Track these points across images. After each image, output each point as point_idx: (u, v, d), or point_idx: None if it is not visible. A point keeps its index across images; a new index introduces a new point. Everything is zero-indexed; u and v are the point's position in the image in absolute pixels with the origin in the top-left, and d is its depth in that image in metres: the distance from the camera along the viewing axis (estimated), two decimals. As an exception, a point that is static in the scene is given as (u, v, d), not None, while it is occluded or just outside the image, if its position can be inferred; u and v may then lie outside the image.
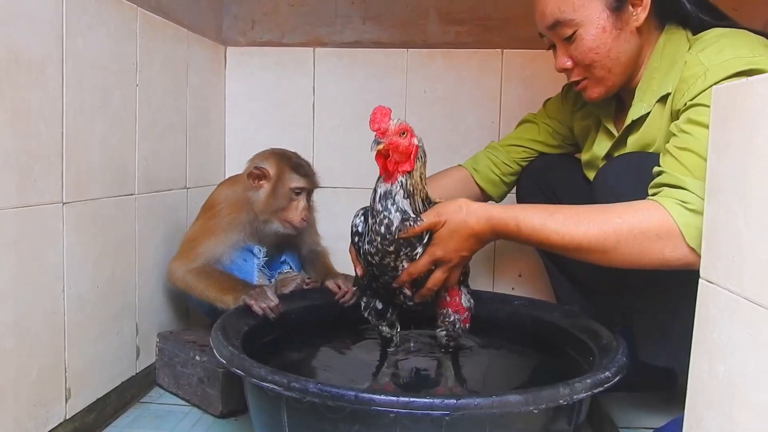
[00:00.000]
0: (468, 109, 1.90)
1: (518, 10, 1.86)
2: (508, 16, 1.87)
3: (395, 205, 1.04)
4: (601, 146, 1.31)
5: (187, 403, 1.44)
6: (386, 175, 1.06)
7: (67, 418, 1.20)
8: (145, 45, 1.44)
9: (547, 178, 1.42)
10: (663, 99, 1.17)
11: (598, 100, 1.25)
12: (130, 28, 1.38)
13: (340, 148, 1.89)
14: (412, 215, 1.04)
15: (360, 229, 1.14)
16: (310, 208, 1.50)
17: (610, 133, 1.30)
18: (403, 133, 1.03)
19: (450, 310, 1.16)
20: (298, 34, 1.95)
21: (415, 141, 1.04)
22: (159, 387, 1.51)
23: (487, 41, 1.89)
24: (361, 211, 1.14)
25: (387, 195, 1.04)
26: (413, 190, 1.04)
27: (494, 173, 1.50)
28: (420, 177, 1.06)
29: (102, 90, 1.28)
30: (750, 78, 0.72)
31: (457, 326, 1.18)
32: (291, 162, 1.47)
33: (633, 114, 1.21)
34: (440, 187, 1.41)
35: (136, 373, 1.45)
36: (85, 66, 1.22)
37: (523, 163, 1.50)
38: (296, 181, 1.45)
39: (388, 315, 1.21)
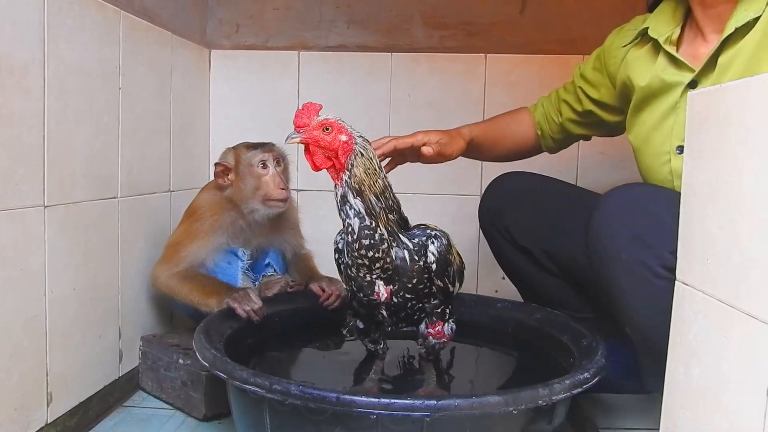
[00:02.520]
0: (452, 113, 1.91)
1: (502, 16, 1.88)
2: (492, 21, 1.89)
3: (352, 209, 1.04)
4: (668, 72, 1.15)
5: (170, 407, 1.43)
6: (331, 175, 1.06)
7: (49, 422, 1.19)
8: (128, 49, 1.44)
9: (502, 218, 1.42)
10: None
11: None
12: (113, 32, 1.38)
13: (325, 152, 1.89)
14: (368, 218, 1.04)
15: (340, 246, 1.14)
16: (286, 178, 1.49)
17: (674, 59, 1.15)
18: (327, 129, 1.03)
19: (431, 338, 1.16)
20: (283, 37, 1.95)
21: (343, 137, 1.03)
22: (142, 391, 1.51)
23: (471, 46, 1.90)
24: (343, 229, 1.14)
25: (344, 199, 1.05)
26: (360, 187, 1.03)
27: (546, 124, 1.48)
28: (366, 172, 1.04)
29: (85, 94, 1.28)
30: (723, 84, 0.74)
31: (437, 348, 1.18)
32: (245, 144, 1.49)
33: (740, 18, 1.03)
34: (500, 128, 1.44)
35: (119, 377, 1.45)
36: (67, 70, 1.21)
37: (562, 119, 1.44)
38: (254, 155, 1.45)
39: (371, 333, 1.21)
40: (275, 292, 1.45)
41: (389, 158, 1.33)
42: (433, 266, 1.09)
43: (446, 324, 1.16)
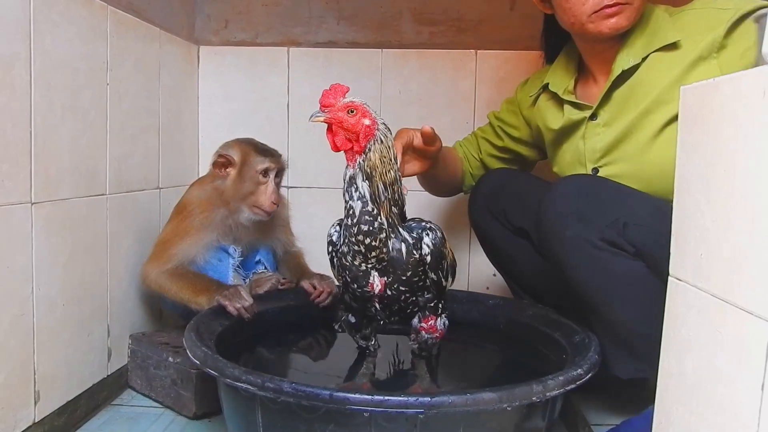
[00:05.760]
0: (442, 110, 1.91)
1: (492, 12, 1.87)
2: (481, 17, 1.89)
3: (357, 191, 1.04)
4: (573, 113, 1.34)
5: (160, 405, 1.42)
6: (347, 157, 1.06)
7: (36, 421, 1.18)
8: (116, 44, 1.42)
9: (498, 201, 1.44)
10: (665, 48, 1.21)
11: (618, 32, 1.23)
12: (100, 27, 1.37)
13: (315, 149, 1.88)
14: (371, 203, 1.04)
15: (334, 239, 1.14)
16: (279, 192, 1.49)
17: (575, 104, 1.34)
18: (352, 111, 1.03)
19: (424, 332, 1.16)
20: (272, 33, 1.94)
21: (366, 121, 1.04)
22: (131, 389, 1.50)
23: (461, 42, 1.90)
24: (337, 221, 1.14)
25: (351, 180, 1.05)
26: (372, 172, 1.04)
27: (467, 162, 1.57)
28: (381, 160, 1.04)
29: (71, 90, 1.26)
30: (717, 78, 0.74)
31: (430, 343, 1.18)
32: (255, 145, 1.48)
33: (623, 63, 1.24)
34: (447, 152, 1.50)
35: (108, 376, 1.43)
36: (53, 65, 1.20)
37: (483, 156, 1.57)
38: (262, 162, 1.44)
39: (362, 329, 1.21)
40: (266, 290, 1.44)
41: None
42: (428, 258, 1.09)
43: (439, 319, 1.16)
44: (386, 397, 0.85)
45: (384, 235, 1.05)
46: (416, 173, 1.42)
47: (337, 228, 1.13)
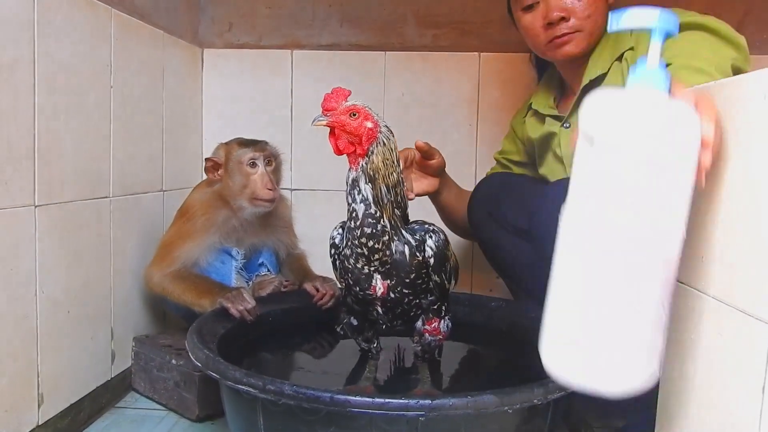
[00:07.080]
0: (446, 112, 1.91)
1: (495, 14, 1.86)
2: (485, 19, 1.89)
3: (360, 194, 1.04)
4: (552, 123, 1.42)
5: (163, 408, 1.42)
6: (349, 160, 1.06)
7: (40, 423, 1.18)
8: (119, 47, 1.43)
9: (498, 203, 1.44)
10: (620, 57, 1.28)
11: (572, 58, 1.32)
12: (104, 30, 1.37)
13: (318, 151, 1.88)
14: (374, 205, 1.04)
15: (337, 241, 1.14)
16: (275, 179, 1.49)
17: (554, 116, 1.42)
18: (354, 114, 1.04)
19: (427, 335, 1.16)
20: (276, 36, 1.94)
21: (368, 124, 1.04)
22: (135, 392, 1.50)
23: (464, 44, 1.90)
24: (340, 224, 1.14)
25: (354, 183, 1.05)
26: (374, 175, 1.04)
27: None
28: (384, 162, 1.04)
29: (75, 92, 1.27)
30: (718, 81, 0.74)
31: (432, 345, 1.18)
32: (238, 140, 1.49)
33: (590, 74, 1.31)
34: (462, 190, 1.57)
35: (111, 378, 1.44)
36: (57, 68, 1.20)
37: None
38: (245, 153, 1.45)
39: (365, 332, 1.21)
40: (269, 292, 1.45)
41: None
42: (431, 260, 1.09)
43: (442, 321, 1.16)
44: (387, 400, 0.85)
45: (387, 237, 1.05)
46: (427, 191, 1.48)
47: (340, 230, 1.13)
